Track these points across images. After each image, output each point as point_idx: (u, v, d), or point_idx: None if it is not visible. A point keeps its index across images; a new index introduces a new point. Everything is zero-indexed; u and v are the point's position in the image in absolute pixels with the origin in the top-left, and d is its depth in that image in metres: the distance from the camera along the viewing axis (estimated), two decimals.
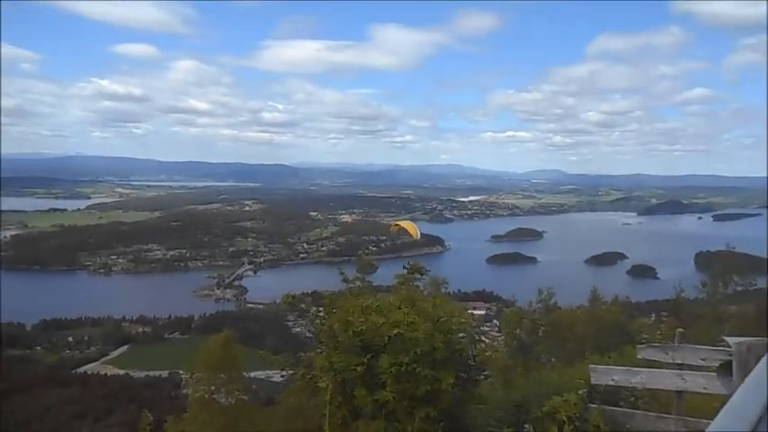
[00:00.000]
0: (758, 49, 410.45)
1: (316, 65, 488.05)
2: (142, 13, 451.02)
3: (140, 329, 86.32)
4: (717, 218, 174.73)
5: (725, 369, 3.03)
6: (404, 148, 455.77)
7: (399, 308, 7.00)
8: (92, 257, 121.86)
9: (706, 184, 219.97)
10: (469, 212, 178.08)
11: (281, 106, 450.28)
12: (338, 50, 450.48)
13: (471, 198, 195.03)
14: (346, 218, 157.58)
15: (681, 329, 6.63)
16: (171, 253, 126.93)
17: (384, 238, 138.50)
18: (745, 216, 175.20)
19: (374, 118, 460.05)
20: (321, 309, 7.72)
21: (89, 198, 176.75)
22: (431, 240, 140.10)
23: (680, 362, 6.14)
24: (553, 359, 21.16)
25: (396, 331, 6.62)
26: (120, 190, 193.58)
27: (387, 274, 9.27)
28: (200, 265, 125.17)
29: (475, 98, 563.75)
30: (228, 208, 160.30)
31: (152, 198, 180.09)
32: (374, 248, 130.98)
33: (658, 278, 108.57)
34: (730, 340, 2.99)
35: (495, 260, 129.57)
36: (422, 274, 8.15)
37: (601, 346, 19.32)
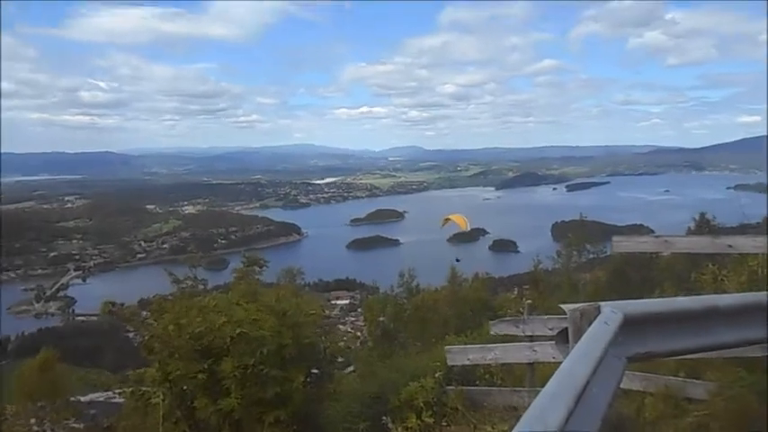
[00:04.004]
0: (599, 19, 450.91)
1: (142, 36, 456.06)
2: None
3: None
4: (570, 188, 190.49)
5: (562, 336, 3.23)
6: (251, 129, 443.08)
7: (239, 304, 6.82)
8: None
9: (558, 154, 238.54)
10: (326, 196, 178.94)
11: (102, 84, 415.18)
12: (168, 19, 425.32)
13: (327, 180, 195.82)
14: (190, 209, 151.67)
15: (529, 301, 7.14)
16: None
17: (234, 229, 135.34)
18: (595, 185, 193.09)
19: (214, 96, 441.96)
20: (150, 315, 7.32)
21: None
22: (286, 228, 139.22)
23: (530, 333, 6.62)
24: (418, 343, 21.96)
25: (239, 330, 6.44)
26: None
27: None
28: (12, 276, 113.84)
29: (325, 72, 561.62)
30: (45, 206, 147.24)
31: None
32: (224, 242, 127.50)
33: (519, 251, 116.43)
34: (566, 307, 3.18)
35: (356, 245, 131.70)
36: (260, 267, 8.00)
37: (464, 326, 20.36)
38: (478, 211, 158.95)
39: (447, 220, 12.20)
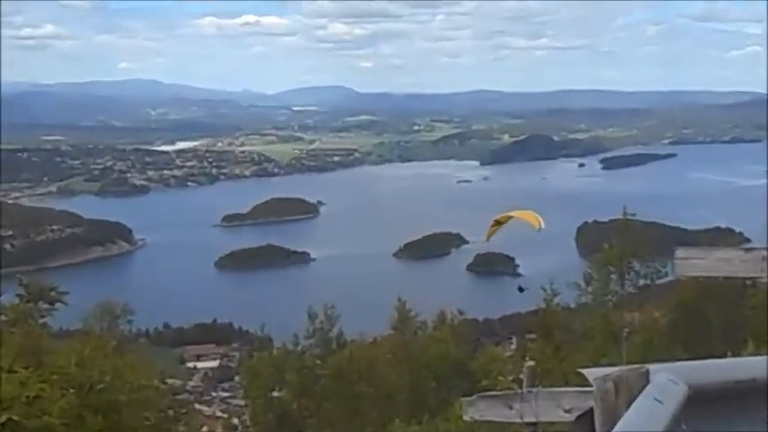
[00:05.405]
0: None
1: None
2: None
3: None
4: (607, 163, 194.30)
5: (585, 423, 3.26)
6: (42, 51, 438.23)
7: (11, 371, 6.68)
8: None
9: (589, 105, 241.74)
10: (179, 173, 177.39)
11: None
12: None
13: (181, 146, 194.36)
14: None
15: (531, 362, 7.15)
16: None
17: (11, 232, 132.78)
18: (651, 158, 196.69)
19: None
20: None
21: None
22: (105, 231, 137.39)
23: (533, 419, 6.67)
24: None
25: (4, 419, 6.32)
26: None
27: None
28: None
29: None
30: None
31: None
32: None
33: (520, 274, 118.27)
34: (590, 374, 3.21)
35: (232, 262, 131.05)
36: (53, 302, 7.87)
37: (421, 404, 20.58)
38: (450, 204, 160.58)
39: (500, 222, 11.61)
